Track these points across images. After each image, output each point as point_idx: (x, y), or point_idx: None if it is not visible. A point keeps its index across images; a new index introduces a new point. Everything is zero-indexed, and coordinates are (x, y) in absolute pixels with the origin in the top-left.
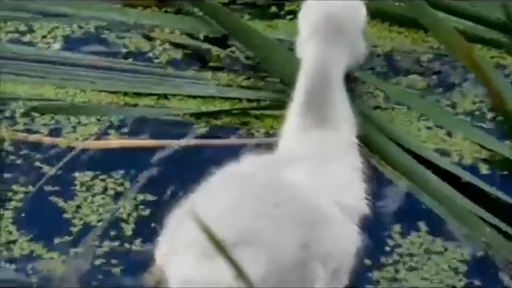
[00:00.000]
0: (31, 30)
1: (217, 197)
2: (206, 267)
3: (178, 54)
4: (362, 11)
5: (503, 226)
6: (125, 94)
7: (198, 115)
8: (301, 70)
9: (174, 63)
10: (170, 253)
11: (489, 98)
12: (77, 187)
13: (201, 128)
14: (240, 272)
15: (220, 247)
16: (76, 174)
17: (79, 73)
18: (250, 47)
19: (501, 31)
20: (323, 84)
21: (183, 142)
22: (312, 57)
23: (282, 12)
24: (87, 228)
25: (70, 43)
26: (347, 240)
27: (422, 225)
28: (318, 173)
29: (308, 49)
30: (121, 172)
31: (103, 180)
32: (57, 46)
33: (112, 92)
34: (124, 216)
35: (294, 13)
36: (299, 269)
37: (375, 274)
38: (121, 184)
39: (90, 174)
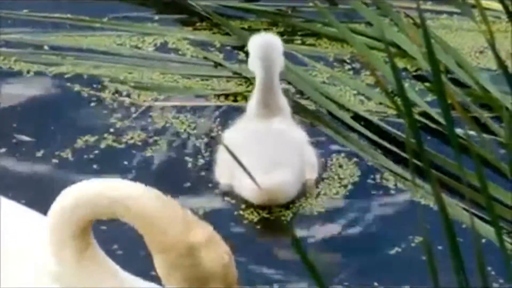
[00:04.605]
0: None
1: (254, 141)
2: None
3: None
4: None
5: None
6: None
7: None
8: (257, 78)
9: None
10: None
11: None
12: None
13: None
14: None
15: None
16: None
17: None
18: None
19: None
20: (272, 84)
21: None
22: (261, 70)
23: None
24: None
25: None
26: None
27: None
28: (291, 126)
29: (258, 66)
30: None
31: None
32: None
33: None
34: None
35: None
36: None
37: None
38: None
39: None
